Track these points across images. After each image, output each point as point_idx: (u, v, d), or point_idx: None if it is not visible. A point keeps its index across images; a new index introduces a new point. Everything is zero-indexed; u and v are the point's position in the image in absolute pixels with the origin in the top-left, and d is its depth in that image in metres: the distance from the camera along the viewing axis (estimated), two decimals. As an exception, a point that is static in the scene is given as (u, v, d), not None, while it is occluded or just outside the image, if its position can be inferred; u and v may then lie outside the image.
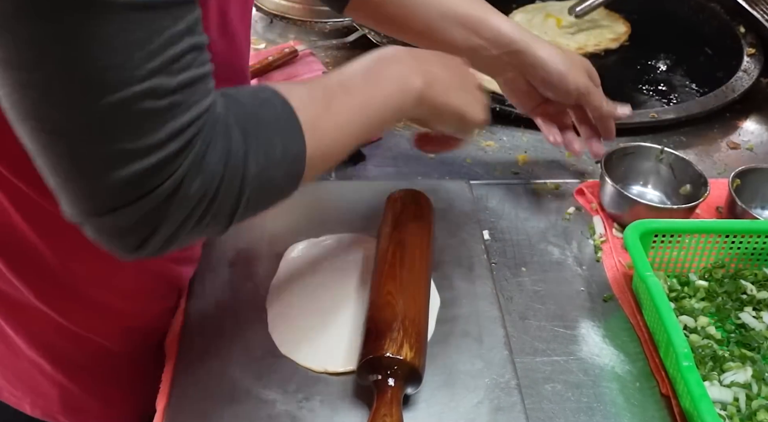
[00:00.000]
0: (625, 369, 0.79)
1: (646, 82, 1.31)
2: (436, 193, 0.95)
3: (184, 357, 0.76)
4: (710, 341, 0.80)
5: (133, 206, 0.49)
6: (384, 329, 0.71)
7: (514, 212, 0.98)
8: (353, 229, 0.92)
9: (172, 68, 0.47)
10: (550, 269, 0.90)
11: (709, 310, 0.85)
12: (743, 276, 0.87)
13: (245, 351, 0.77)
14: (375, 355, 0.69)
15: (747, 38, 1.36)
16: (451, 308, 0.82)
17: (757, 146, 1.15)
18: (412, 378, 0.70)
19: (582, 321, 0.84)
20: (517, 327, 0.83)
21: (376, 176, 1.04)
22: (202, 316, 0.80)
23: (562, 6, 1.52)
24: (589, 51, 1.38)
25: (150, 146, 0.47)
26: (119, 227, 0.50)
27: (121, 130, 0.47)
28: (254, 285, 0.84)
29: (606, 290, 0.88)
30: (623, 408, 0.75)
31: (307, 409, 0.72)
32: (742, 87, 1.22)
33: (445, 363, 0.76)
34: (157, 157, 0.48)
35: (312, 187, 1.00)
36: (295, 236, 0.90)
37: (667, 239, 0.87)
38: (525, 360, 0.79)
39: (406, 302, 0.74)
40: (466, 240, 0.91)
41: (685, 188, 0.98)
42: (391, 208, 0.88)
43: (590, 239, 0.95)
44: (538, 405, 0.75)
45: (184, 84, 0.48)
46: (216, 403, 0.72)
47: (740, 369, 0.77)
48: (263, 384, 0.74)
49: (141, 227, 0.50)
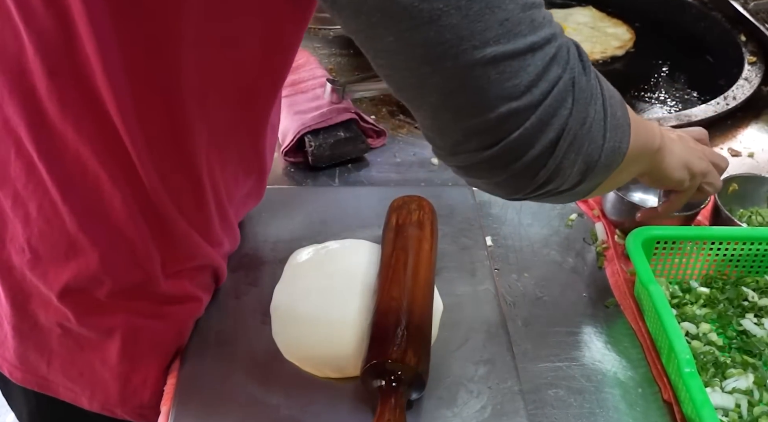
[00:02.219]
0: (627, 375, 0.79)
1: (648, 90, 1.32)
2: (439, 199, 0.95)
3: (189, 362, 0.77)
4: (712, 347, 0.81)
5: (543, 105, 0.52)
6: (388, 334, 0.72)
7: (517, 218, 0.99)
8: (357, 235, 0.92)
9: None
10: (552, 275, 0.91)
11: (711, 317, 0.85)
12: (744, 283, 0.88)
13: (249, 356, 0.77)
14: (379, 360, 0.70)
15: (748, 46, 1.37)
16: (454, 314, 0.82)
17: (758, 154, 1.16)
18: (415, 384, 0.71)
19: (584, 327, 0.84)
20: (519, 332, 0.83)
21: (380, 182, 1.05)
22: (206, 321, 0.81)
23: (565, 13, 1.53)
24: (596, 58, 1.39)
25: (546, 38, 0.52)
26: (529, 138, 0.53)
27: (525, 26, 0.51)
28: (258, 290, 0.84)
29: (608, 296, 0.88)
30: (625, 414, 0.75)
31: (310, 414, 0.72)
32: (744, 95, 1.23)
33: (448, 369, 0.76)
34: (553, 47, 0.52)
35: (316, 193, 1.01)
36: (299, 242, 0.90)
37: (669, 246, 0.87)
38: (528, 365, 0.79)
39: (409, 308, 0.75)
40: (468, 246, 0.92)
41: (686, 195, 0.98)
42: (394, 214, 0.88)
43: (592, 246, 0.95)
44: (541, 411, 0.75)
45: None
46: (220, 408, 0.72)
47: (742, 375, 0.77)
48: (267, 388, 0.74)
49: (547, 132, 0.53)
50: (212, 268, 0.80)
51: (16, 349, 0.78)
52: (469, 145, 0.55)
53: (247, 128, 0.74)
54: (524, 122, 0.53)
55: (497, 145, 0.54)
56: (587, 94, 0.55)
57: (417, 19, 0.49)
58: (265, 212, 0.95)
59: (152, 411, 0.79)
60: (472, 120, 0.53)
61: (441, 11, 0.49)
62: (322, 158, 1.04)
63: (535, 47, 0.52)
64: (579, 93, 0.54)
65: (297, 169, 1.06)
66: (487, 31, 0.50)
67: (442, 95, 0.53)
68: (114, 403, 0.80)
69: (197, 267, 0.77)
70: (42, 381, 0.80)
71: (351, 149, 1.06)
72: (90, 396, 0.80)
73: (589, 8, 1.56)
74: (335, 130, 1.05)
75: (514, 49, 0.51)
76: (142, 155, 0.64)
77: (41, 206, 0.68)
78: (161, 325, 0.76)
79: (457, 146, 0.56)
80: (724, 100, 1.21)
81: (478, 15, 0.49)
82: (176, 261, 0.74)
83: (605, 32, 1.47)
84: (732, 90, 1.24)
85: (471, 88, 0.52)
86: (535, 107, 0.52)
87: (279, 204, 0.97)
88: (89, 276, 0.70)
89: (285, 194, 1.01)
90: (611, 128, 0.57)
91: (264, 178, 0.86)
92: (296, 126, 1.05)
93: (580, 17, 1.52)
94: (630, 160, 0.62)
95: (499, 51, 0.50)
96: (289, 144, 1.05)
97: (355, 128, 1.07)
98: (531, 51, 0.51)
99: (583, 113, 0.54)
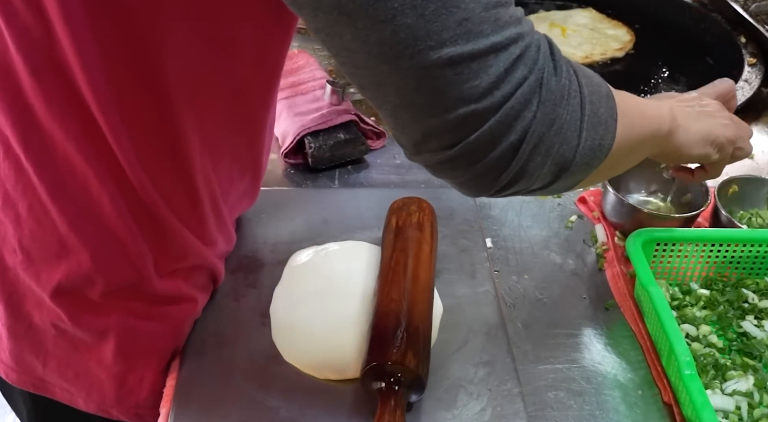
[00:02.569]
0: (627, 377, 0.79)
1: (648, 91, 1.32)
2: (439, 201, 0.95)
3: (188, 364, 0.77)
4: (712, 349, 0.80)
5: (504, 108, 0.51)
6: (388, 336, 0.72)
7: (517, 219, 0.99)
8: (356, 236, 0.92)
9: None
10: (552, 277, 0.91)
11: (711, 319, 0.85)
12: (745, 285, 0.88)
13: (249, 358, 0.77)
14: (379, 362, 0.70)
15: (748, 48, 1.36)
16: (454, 316, 0.82)
17: (758, 155, 1.15)
18: (415, 386, 0.70)
19: (584, 329, 0.84)
20: (519, 334, 0.83)
21: (379, 184, 1.05)
22: (206, 323, 0.81)
23: (565, 15, 1.53)
24: (596, 60, 1.39)
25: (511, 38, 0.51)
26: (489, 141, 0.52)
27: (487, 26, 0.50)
28: (257, 292, 0.84)
29: (608, 298, 0.88)
30: (625, 416, 0.75)
31: (310, 416, 0.72)
32: (744, 97, 1.23)
33: (448, 371, 0.76)
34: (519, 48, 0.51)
35: (316, 194, 1.01)
36: (298, 244, 0.90)
37: (669, 248, 0.87)
38: (527, 367, 0.79)
39: (409, 310, 0.75)
40: (468, 248, 0.91)
41: (686, 197, 0.98)
42: (394, 215, 0.88)
43: (592, 248, 0.95)
44: (541, 413, 0.75)
45: None
46: (219, 410, 0.72)
47: (742, 377, 0.77)
48: (267, 391, 0.74)
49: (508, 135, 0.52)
50: (208, 268, 0.79)
51: (12, 350, 0.78)
52: (429, 145, 0.55)
53: (241, 129, 0.74)
54: (483, 125, 0.52)
55: (456, 146, 0.53)
56: (556, 95, 0.53)
57: (373, 17, 0.48)
58: (265, 213, 0.95)
59: (149, 411, 0.79)
60: (430, 121, 0.53)
61: (396, 10, 0.48)
62: (321, 160, 1.04)
63: (498, 48, 0.50)
64: (546, 94, 0.53)
65: (297, 170, 1.06)
66: (444, 32, 0.49)
67: (400, 95, 0.52)
68: (110, 404, 0.80)
69: (192, 267, 0.77)
70: (38, 381, 0.80)
71: (351, 150, 1.06)
72: (86, 397, 0.80)
73: (589, 10, 1.56)
74: (335, 131, 1.05)
75: (474, 50, 0.50)
76: (129, 155, 0.64)
77: (31, 207, 0.68)
78: (156, 326, 0.76)
79: (418, 146, 0.55)
80: (724, 102, 1.21)
81: (434, 15, 0.48)
82: (170, 261, 0.74)
83: (605, 34, 1.47)
84: (732, 92, 1.24)
85: (428, 89, 0.51)
86: (496, 109, 0.51)
87: (278, 206, 0.97)
88: (81, 276, 0.70)
89: (284, 195, 1.00)
90: (589, 126, 0.56)
91: (259, 177, 0.85)
92: (296, 128, 1.05)
93: (579, 19, 1.52)
94: (628, 150, 0.62)
95: (457, 52, 0.49)
96: (288, 146, 1.05)
97: (354, 129, 1.07)
98: (493, 52, 0.50)
99: (550, 114, 0.53)
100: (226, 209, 0.79)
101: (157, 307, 0.75)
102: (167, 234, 0.71)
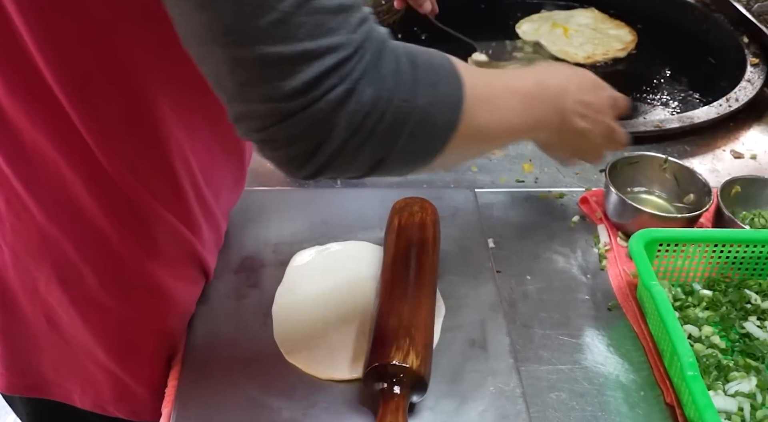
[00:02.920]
0: (629, 377, 0.79)
1: (650, 92, 1.32)
2: (442, 201, 0.95)
3: (190, 364, 0.77)
4: (714, 350, 0.80)
5: (307, 111, 0.52)
6: (390, 336, 0.72)
7: (519, 220, 0.99)
8: (359, 236, 0.92)
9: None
10: (554, 277, 0.91)
11: (714, 319, 0.85)
12: (747, 286, 0.88)
13: (251, 358, 0.77)
14: (381, 363, 0.70)
15: (750, 48, 1.36)
16: (456, 316, 0.82)
17: (760, 156, 1.15)
18: (417, 386, 0.70)
19: (586, 330, 0.84)
20: (521, 335, 0.83)
21: (382, 184, 1.04)
22: (207, 323, 0.81)
23: (567, 15, 1.53)
24: (598, 60, 1.39)
25: (329, 47, 0.51)
26: (285, 137, 0.54)
27: (303, 31, 0.50)
28: (260, 292, 0.84)
29: (610, 298, 0.88)
30: (628, 417, 0.75)
31: (312, 416, 0.72)
32: (746, 97, 1.23)
33: (450, 371, 0.76)
34: (335, 58, 0.51)
35: (317, 194, 1.01)
36: (300, 244, 0.90)
37: (671, 248, 0.87)
38: (530, 368, 0.79)
39: (412, 310, 0.75)
40: (471, 248, 0.91)
41: (688, 197, 0.98)
42: (396, 216, 0.88)
43: (595, 248, 0.95)
44: (543, 414, 0.75)
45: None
46: (221, 410, 0.72)
47: (744, 378, 0.77)
48: (268, 391, 0.74)
49: (308, 138, 0.54)
50: (196, 258, 0.79)
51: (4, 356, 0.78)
52: (240, 125, 0.56)
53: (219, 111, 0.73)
54: (282, 122, 0.53)
55: (261, 132, 0.55)
56: (368, 107, 0.54)
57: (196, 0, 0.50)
58: (267, 213, 0.95)
59: (145, 408, 0.79)
60: (239, 106, 0.55)
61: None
62: (323, 160, 1.04)
63: (311, 55, 0.51)
64: (355, 105, 0.53)
65: (299, 170, 1.06)
66: (257, 29, 0.50)
67: (215, 75, 0.54)
68: (106, 400, 0.80)
69: (180, 257, 0.76)
70: (31, 383, 0.80)
71: (353, 150, 1.06)
72: (81, 393, 0.80)
73: (591, 10, 1.56)
74: (337, 131, 1.05)
75: (283, 54, 0.50)
76: (99, 142, 0.64)
77: (9, 201, 0.68)
78: (148, 319, 0.76)
79: (235, 121, 0.57)
80: (726, 102, 1.21)
81: (251, 11, 0.49)
82: (155, 249, 0.73)
83: (607, 34, 1.47)
84: (734, 92, 1.24)
85: (239, 78, 0.52)
86: (296, 113, 0.52)
87: (280, 206, 0.97)
88: (68, 268, 0.70)
89: (286, 195, 1.00)
90: (411, 134, 0.57)
91: (243, 160, 0.84)
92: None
93: (582, 19, 1.52)
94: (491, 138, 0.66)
95: (267, 51, 0.50)
96: (290, 146, 1.04)
97: (356, 129, 1.07)
98: (305, 59, 0.51)
99: (355, 124, 0.54)
100: (210, 193, 0.77)
101: (147, 299, 0.75)
102: (150, 221, 0.70)
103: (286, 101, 0.52)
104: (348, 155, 0.56)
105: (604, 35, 1.47)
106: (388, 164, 0.59)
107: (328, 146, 0.54)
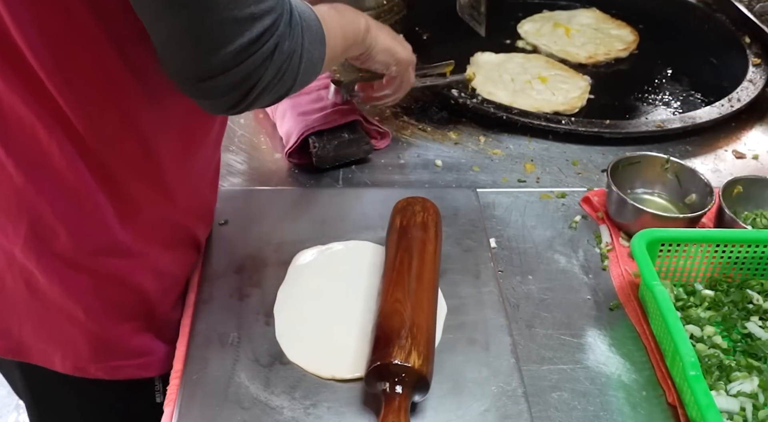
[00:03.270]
0: (631, 377, 0.79)
1: (652, 92, 1.32)
2: (443, 200, 0.95)
3: (192, 363, 0.77)
4: (717, 350, 0.80)
5: (246, 62, 0.64)
6: (392, 336, 0.72)
7: (521, 220, 0.99)
8: (360, 236, 0.92)
9: None
10: (556, 277, 0.91)
11: (716, 319, 0.85)
12: (749, 286, 0.88)
13: (253, 358, 0.77)
14: (383, 362, 0.70)
15: (752, 48, 1.36)
16: (458, 316, 0.82)
17: (762, 156, 1.15)
18: (419, 386, 0.70)
19: (588, 330, 0.84)
20: (523, 334, 0.83)
21: (383, 184, 1.05)
22: (209, 323, 0.81)
23: (569, 15, 1.53)
24: (600, 60, 1.39)
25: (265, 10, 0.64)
26: (225, 85, 0.65)
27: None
28: (261, 292, 0.84)
29: (612, 298, 0.88)
30: (629, 417, 0.75)
31: (314, 416, 0.72)
32: (748, 97, 1.23)
33: (452, 371, 0.76)
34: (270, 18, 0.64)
35: (319, 194, 1.01)
36: (302, 243, 0.90)
37: (673, 248, 0.87)
38: (531, 368, 0.79)
39: (413, 310, 0.75)
40: (472, 248, 0.91)
41: (690, 197, 0.98)
42: (398, 215, 0.88)
43: (596, 248, 0.95)
44: (545, 414, 0.75)
45: None
46: (223, 410, 0.72)
47: (747, 378, 0.77)
48: (270, 390, 0.74)
49: (244, 84, 0.66)
50: (172, 222, 0.81)
51: None
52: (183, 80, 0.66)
53: None
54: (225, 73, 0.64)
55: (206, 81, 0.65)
56: (285, 55, 0.67)
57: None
58: (269, 213, 0.95)
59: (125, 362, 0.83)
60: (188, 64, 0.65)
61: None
62: (326, 160, 1.04)
63: (254, 17, 0.63)
64: (278, 55, 0.66)
65: (301, 170, 1.06)
66: None
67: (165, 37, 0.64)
68: (86, 361, 0.82)
69: (153, 221, 0.79)
70: (14, 346, 0.82)
71: (355, 150, 1.06)
72: (62, 356, 0.82)
73: (593, 10, 1.56)
74: (339, 131, 1.05)
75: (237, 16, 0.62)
76: (71, 103, 0.67)
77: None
78: (125, 280, 0.79)
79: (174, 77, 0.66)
80: (728, 102, 1.21)
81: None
82: (128, 212, 0.76)
83: (609, 34, 1.47)
84: (736, 92, 1.24)
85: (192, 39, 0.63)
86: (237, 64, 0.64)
87: (282, 205, 0.97)
88: (45, 227, 0.73)
89: (288, 195, 1.01)
90: (304, 71, 0.71)
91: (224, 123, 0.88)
92: (300, 127, 1.05)
93: (583, 19, 1.52)
94: (336, 58, 0.85)
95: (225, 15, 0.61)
96: (293, 145, 1.05)
97: (359, 129, 1.07)
98: (251, 19, 0.63)
99: (275, 69, 0.67)
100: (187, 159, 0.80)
101: (122, 260, 0.78)
102: (121, 184, 0.74)
103: (233, 56, 0.63)
104: (269, 93, 0.69)
105: (606, 35, 1.46)
106: (291, 90, 0.72)
107: (257, 88, 0.67)
